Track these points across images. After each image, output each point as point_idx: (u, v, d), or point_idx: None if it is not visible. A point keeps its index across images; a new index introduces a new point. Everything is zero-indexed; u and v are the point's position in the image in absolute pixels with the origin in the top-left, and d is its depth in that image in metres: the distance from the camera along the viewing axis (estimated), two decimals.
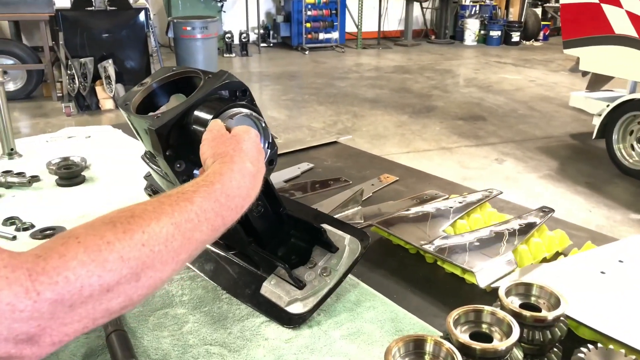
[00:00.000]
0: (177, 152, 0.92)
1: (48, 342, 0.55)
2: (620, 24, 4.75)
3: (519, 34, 12.28)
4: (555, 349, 0.85)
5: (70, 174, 1.62)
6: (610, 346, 0.80)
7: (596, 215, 4.26)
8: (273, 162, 1.01)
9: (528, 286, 0.87)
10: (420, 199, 1.46)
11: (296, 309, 0.98)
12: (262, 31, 11.53)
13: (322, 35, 11.46)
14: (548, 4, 13.08)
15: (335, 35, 11.55)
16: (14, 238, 1.29)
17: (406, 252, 1.23)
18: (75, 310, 0.55)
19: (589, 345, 0.78)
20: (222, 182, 0.73)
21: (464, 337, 0.75)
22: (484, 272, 1.06)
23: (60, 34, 6.68)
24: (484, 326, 0.79)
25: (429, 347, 0.75)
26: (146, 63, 7.25)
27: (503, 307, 0.82)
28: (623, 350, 0.78)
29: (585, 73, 5.61)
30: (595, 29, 5.02)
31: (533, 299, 0.86)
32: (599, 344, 0.79)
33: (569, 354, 0.80)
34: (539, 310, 0.83)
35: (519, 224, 1.23)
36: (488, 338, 0.77)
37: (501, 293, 0.84)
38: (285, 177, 1.66)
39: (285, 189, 1.58)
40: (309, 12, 11.13)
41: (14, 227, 1.34)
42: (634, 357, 0.77)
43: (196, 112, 0.91)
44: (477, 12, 12.47)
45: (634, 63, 4.74)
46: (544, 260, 1.17)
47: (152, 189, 1.33)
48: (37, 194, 1.56)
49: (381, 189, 1.59)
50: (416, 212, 1.32)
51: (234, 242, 1.11)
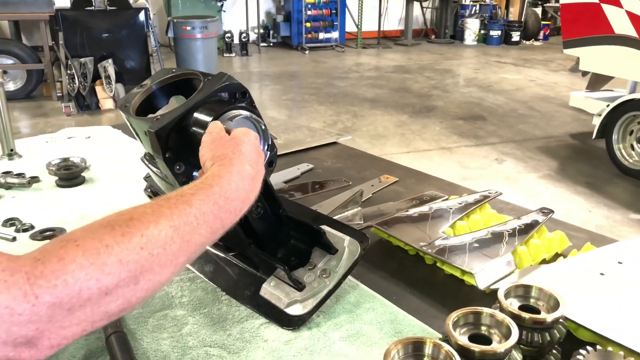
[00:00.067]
0: (177, 154, 0.92)
1: (46, 345, 0.55)
2: (620, 24, 4.75)
3: (519, 33, 12.27)
4: (554, 351, 0.85)
5: (70, 175, 1.62)
6: (609, 348, 0.80)
7: (596, 215, 4.26)
8: (272, 163, 1.01)
9: (527, 288, 0.87)
10: (420, 200, 1.46)
11: (296, 310, 0.99)
12: (262, 31, 11.53)
13: (322, 35, 11.46)
14: (548, 4, 13.08)
15: (335, 34, 11.55)
16: (14, 239, 1.29)
17: (406, 254, 1.23)
18: (73, 313, 0.56)
19: (588, 347, 0.79)
20: (221, 184, 0.73)
21: (463, 339, 0.75)
22: (484, 274, 1.06)
23: (60, 34, 6.69)
24: (483, 328, 0.79)
25: (428, 350, 0.75)
26: (146, 63, 7.25)
27: (502, 309, 0.82)
28: (622, 353, 0.78)
29: (585, 73, 5.61)
30: (595, 29, 5.02)
31: (532, 300, 0.86)
32: (598, 346, 0.79)
33: (568, 356, 0.80)
34: (538, 312, 0.83)
35: (519, 225, 1.23)
36: (487, 340, 0.77)
37: (500, 295, 0.84)
38: (284, 177, 1.66)
39: (284, 189, 1.58)
40: (309, 12, 11.12)
41: (14, 228, 1.34)
42: (632, 359, 0.77)
43: (196, 114, 0.91)
44: (477, 11, 12.47)
45: (634, 63, 4.74)
46: (544, 261, 1.17)
47: (152, 190, 1.33)
48: (36, 194, 1.56)
49: (381, 189, 1.60)
50: (416, 213, 1.32)
51: (233, 243, 1.11)
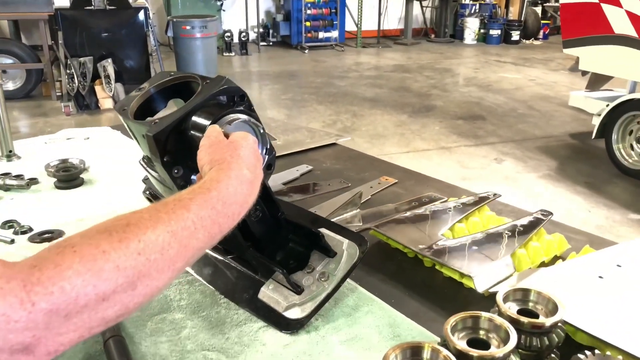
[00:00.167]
0: (175, 158, 0.91)
1: (43, 352, 0.55)
2: (620, 24, 4.74)
3: (518, 32, 12.26)
4: (553, 355, 0.85)
5: (68, 177, 1.62)
6: (608, 352, 0.80)
7: (595, 215, 4.26)
8: (271, 166, 1.01)
9: (526, 292, 0.87)
10: (419, 202, 1.46)
11: (294, 314, 0.98)
12: (261, 30, 11.52)
13: (321, 34, 11.44)
14: (548, 3, 13.07)
15: (334, 34, 11.53)
16: (12, 241, 1.29)
17: (404, 256, 1.23)
18: (70, 319, 0.55)
19: (587, 351, 0.79)
20: (219, 189, 0.72)
21: (461, 344, 0.75)
22: (482, 277, 1.06)
23: (59, 33, 6.69)
24: (482, 332, 0.79)
25: (426, 354, 0.75)
26: (145, 62, 7.25)
27: (501, 313, 0.82)
28: (621, 357, 0.78)
29: (584, 72, 5.61)
30: (594, 29, 5.02)
31: (531, 304, 0.86)
32: (597, 350, 0.79)
33: None
34: (537, 316, 0.83)
35: (518, 227, 1.23)
36: (486, 345, 0.77)
37: (499, 299, 0.84)
38: (283, 179, 1.66)
39: (283, 191, 1.58)
40: (308, 11, 11.11)
41: (12, 230, 1.34)
42: None
43: (194, 118, 0.91)
44: (477, 10, 12.46)
45: (634, 63, 4.74)
46: (542, 264, 1.17)
47: (151, 191, 1.33)
48: (35, 196, 1.55)
49: (380, 191, 1.59)
50: (415, 215, 1.32)
51: (232, 246, 1.11)
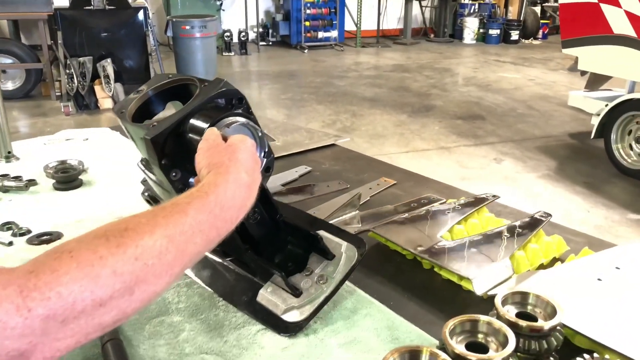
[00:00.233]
0: (173, 161, 0.91)
1: (40, 358, 0.54)
2: (619, 24, 4.74)
3: (518, 32, 12.26)
4: (552, 358, 0.84)
5: (67, 178, 1.61)
6: (607, 356, 0.80)
7: (594, 215, 4.26)
8: (269, 169, 1.01)
9: (524, 295, 0.87)
10: (418, 203, 1.45)
11: (293, 317, 0.98)
12: (261, 30, 11.51)
13: (321, 34, 11.44)
14: (547, 3, 13.06)
15: (334, 33, 11.53)
16: (10, 244, 1.29)
17: (403, 258, 1.23)
18: (67, 325, 0.55)
19: (585, 355, 0.78)
20: (217, 193, 0.72)
21: (459, 347, 0.75)
22: (481, 279, 1.05)
23: (58, 33, 6.68)
24: (480, 336, 0.79)
25: (424, 358, 0.75)
26: (145, 62, 7.24)
27: (499, 317, 0.82)
28: None
29: (583, 72, 5.61)
30: (594, 29, 5.02)
31: (529, 307, 0.86)
32: (595, 354, 0.79)
33: None
34: (535, 319, 0.83)
35: (517, 229, 1.23)
36: (484, 348, 0.77)
37: (497, 302, 0.84)
38: (282, 180, 1.66)
39: (282, 192, 1.58)
40: (308, 11, 11.11)
41: (11, 232, 1.34)
42: None
43: (192, 121, 0.91)
44: (476, 10, 12.45)
45: (633, 63, 4.74)
46: (541, 266, 1.17)
47: (150, 193, 1.33)
48: (34, 198, 1.55)
49: (379, 192, 1.59)
50: (413, 217, 1.32)
51: (230, 249, 1.10)
